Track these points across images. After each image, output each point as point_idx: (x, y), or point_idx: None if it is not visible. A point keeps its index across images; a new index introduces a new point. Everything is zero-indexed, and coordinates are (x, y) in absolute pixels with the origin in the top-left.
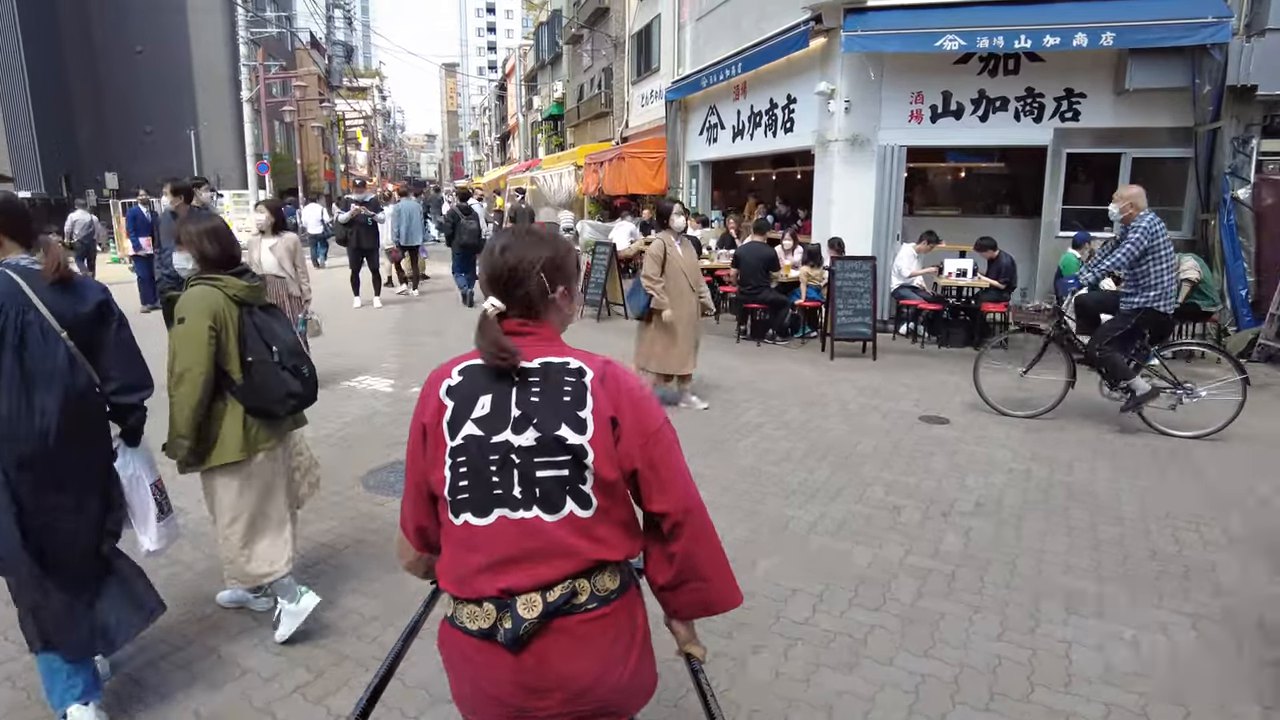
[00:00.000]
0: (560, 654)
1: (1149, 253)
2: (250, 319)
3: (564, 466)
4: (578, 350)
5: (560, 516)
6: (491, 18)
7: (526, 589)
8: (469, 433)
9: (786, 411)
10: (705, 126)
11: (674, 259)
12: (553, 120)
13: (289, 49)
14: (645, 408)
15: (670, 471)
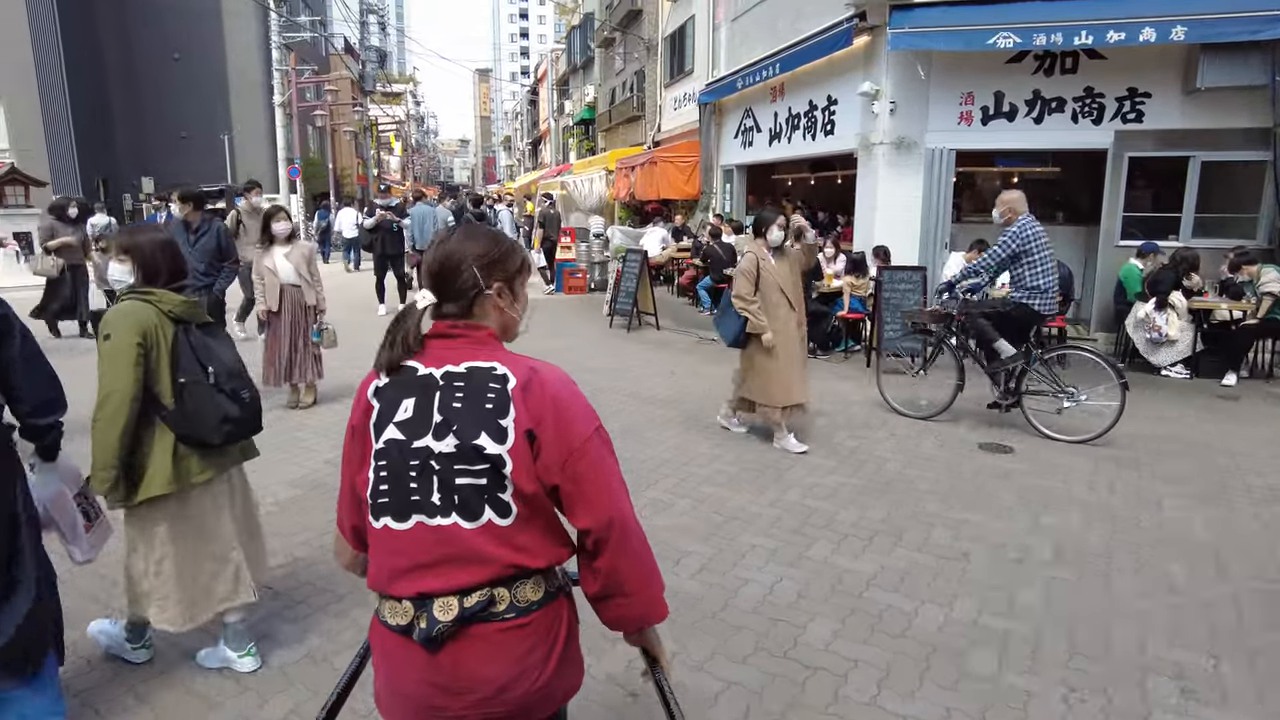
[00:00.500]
0: (475, 658)
1: (1022, 255)
2: (186, 338)
3: (482, 475)
4: (512, 355)
5: (479, 524)
6: (524, 23)
7: (443, 593)
8: (390, 436)
9: (833, 435)
10: (740, 130)
11: (768, 274)
12: (584, 125)
13: (323, 54)
14: (569, 418)
15: (595, 486)
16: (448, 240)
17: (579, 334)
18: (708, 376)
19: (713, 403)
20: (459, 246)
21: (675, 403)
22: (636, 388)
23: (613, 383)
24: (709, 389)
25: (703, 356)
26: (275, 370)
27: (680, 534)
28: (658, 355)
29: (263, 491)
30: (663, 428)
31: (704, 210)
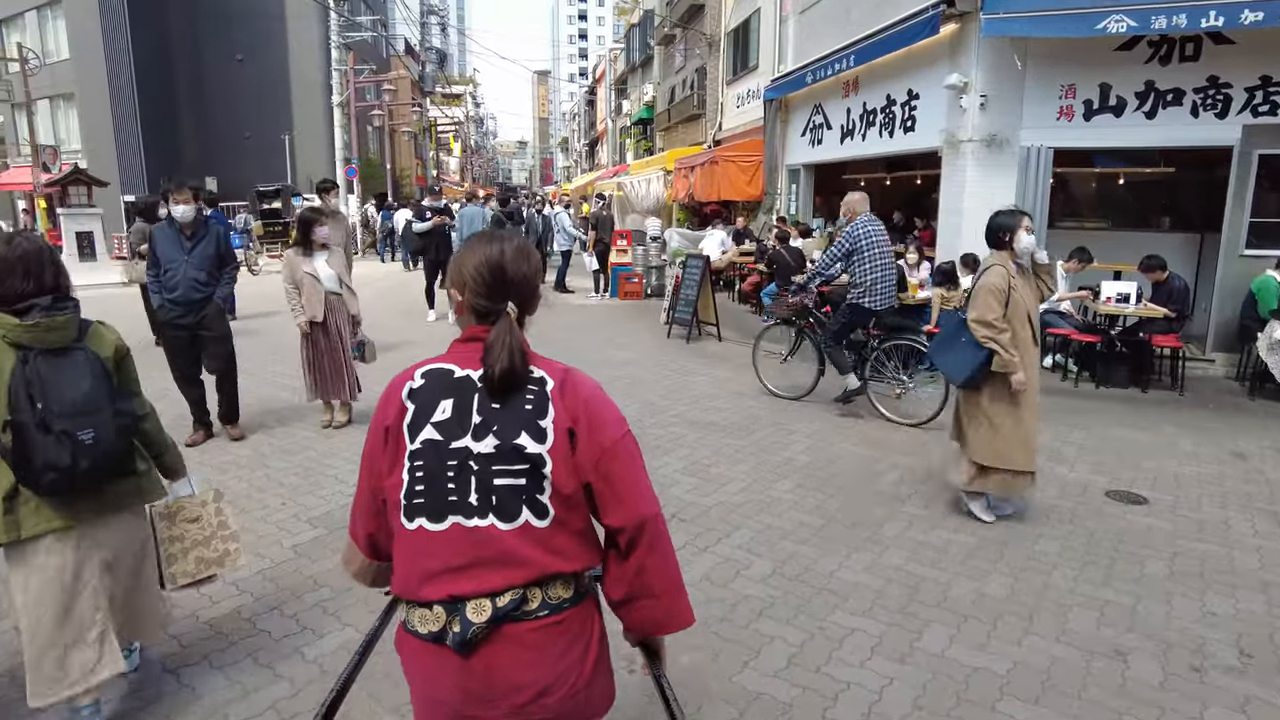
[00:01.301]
0: (509, 662)
1: (854, 254)
2: (24, 368)
3: (521, 475)
4: (544, 359)
5: (515, 525)
6: (583, 24)
7: (475, 595)
8: (427, 437)
9: (929, 478)
10: (809, 127)
11: (1018, 297)
12: (641, 124)
13: (383, 55)
14: (602, 419)
15: (626, 485)
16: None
17: (635, 344)
18: (780, 399)
19: (787, 433)
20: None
21: (745, 430)
22: (699, 411)
23: (671, 403)
24: (782, 413)
25: (772, 373)
26: (319, 381)
27: (760, 609)
28: (721, 371)
29: (279, 530)
30: (733, 462)
31: (767, 212)
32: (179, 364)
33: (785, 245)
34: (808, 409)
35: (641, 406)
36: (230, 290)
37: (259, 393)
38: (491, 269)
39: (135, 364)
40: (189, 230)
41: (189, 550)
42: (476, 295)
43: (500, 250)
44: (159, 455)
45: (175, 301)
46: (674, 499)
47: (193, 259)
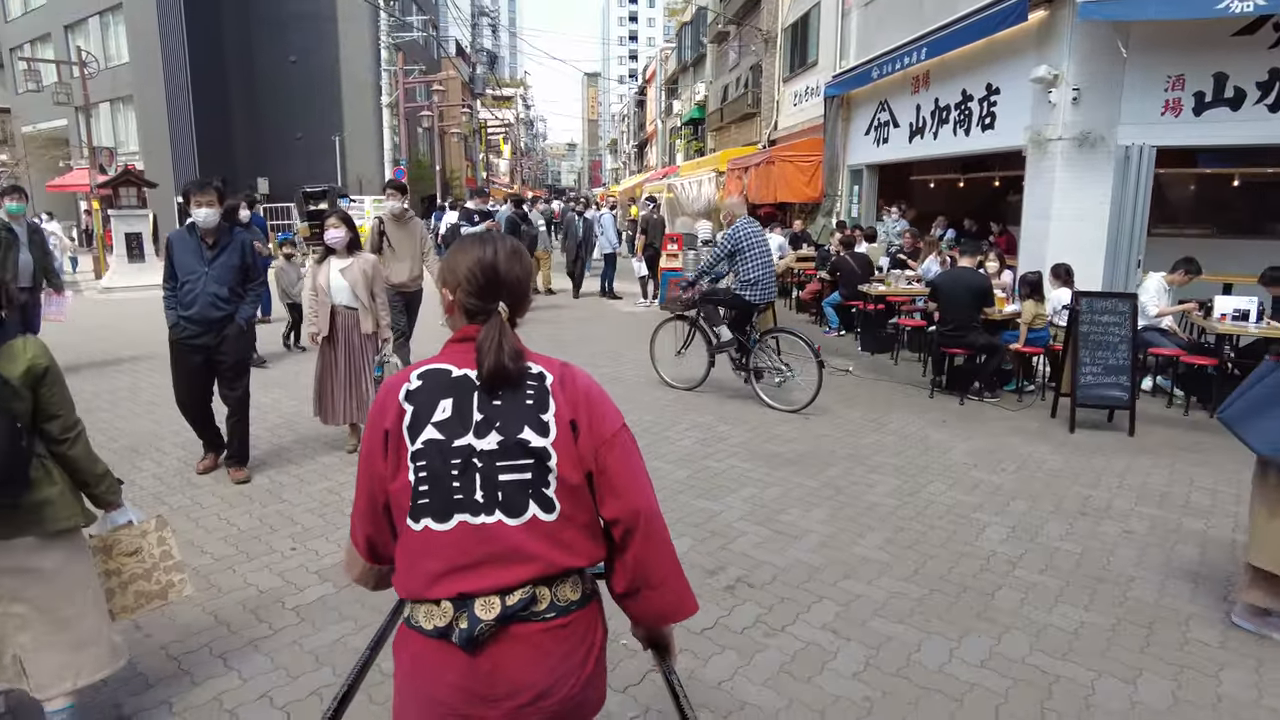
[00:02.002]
0: (515, 662)
1: (736, 253)
2: None
3: (527, 470)
4: (539, 355)
5: (523, 520)
6: (634, 25)
7: (485, 592)
8: (429, 437)
9: (1041, 529)
10: (873, 125)
11: None
12: (692, 124)
13: (434, 56)
14: (601, 411)
15: (624, 477)
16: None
17: (687, 358)
18: (850, 425)
19: (868, 470)
20: (526, 265)
21: (814, 464)
22: (761, 439)
23: (731, 429)
24: (856, 445)
25: (838, 394)
26: (327, 407)
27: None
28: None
29: (283, 584)
30: (806, 506)
31: (826, 215)
32: (187, 390)
33: (850, 251)
34: (886, 438)
35: (698, 433)
36: (254, 310)
37: (284, 408)
38: (484, 270)
39: (63, 382)
40: (211, 238)
41: (127, 585)
42: (469, 295)
43: (493, 252)
44: (87, 486)
45: (192, 319)
46: (740, 556)
47: (214, 271)
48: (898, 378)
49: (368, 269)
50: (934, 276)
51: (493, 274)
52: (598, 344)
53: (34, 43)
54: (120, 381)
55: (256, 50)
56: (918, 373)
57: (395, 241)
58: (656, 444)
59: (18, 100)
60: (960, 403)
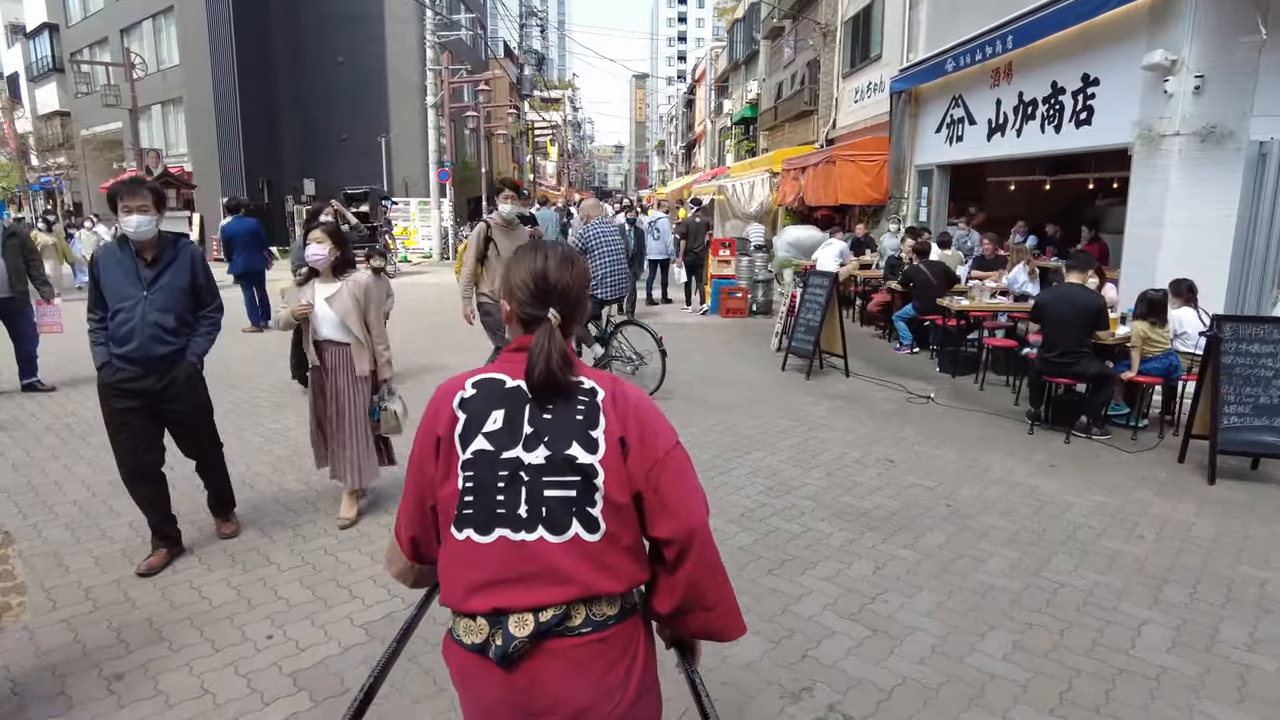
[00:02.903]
0: (553, 677)
1: (587, 252)
2: None
3: (573, 487)
4: (591, 369)
5: (565, 539)
6: (683, 26)
7: (519, 609)
8: (479, 447)
9: (1215, 631)
10: (946, 122)
11: None
12: (744, 124)
13: (481, 57)
14: (654, 429)
15: (678, 495)
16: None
17: (741, 378)
18: (943, 471)
19: (976, 536)
20: (581, 273)
21: (908, 527)
22: (840, 488)
23: (801, 475)
24: (955, 499)
25: (924, 428)
26: (323, 453)
27: None
28: (859, 423)
29: (248, 692)
30: (908, 591)
31: (891, 218)
32: (129, 451)
33: (926, 260)
34: (989, 490)
35: (761, 480)
36: (209, 344)
37: (294, 438)
38: (535, 278)
39: None
40: (150, 253)
41: None
42: (522, 305)
43: (544, 259)
44: None
45: (129, 358)
46: (829, 670)
47: (155, 296)
48: (986, 406)
49: (359, 294)
50: (1039, 296)
51: (544, 282)
52: None
53: (92, 47)
54: None
55: (304, 51)
56: (1008, 400)
57: (504, 251)
58: (714, 493)
59: (77, 104)
60: (1065, 440)
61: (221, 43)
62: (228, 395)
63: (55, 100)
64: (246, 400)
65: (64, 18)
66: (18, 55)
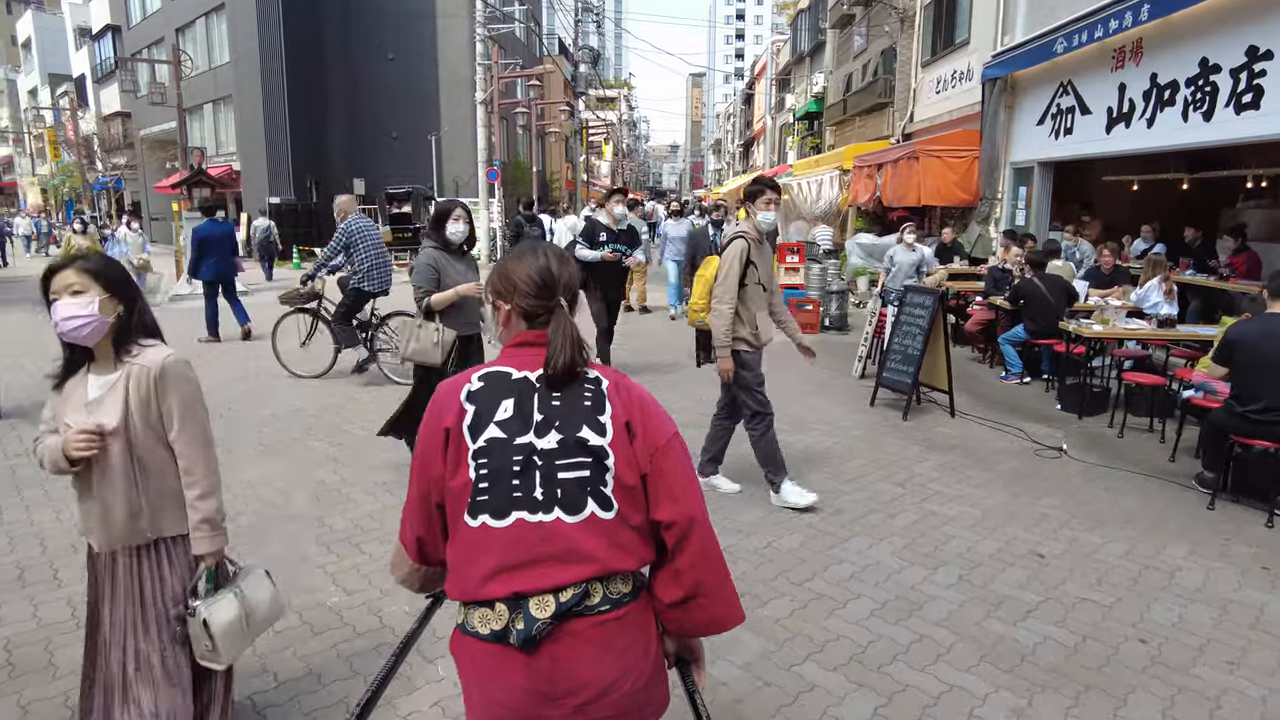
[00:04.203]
0: (573, 657)
1: (351, 247)
2: None
3: (586, 468)
4: (592, 361)
5: (582, 518)
6: (740, 24)
7: (539, 591)
8: (491, 435)
9: None
10: (1051, 112)
11: None
12: (808, 119)
13: (535, 53)
14: (657, 417)
15: (680, 481)
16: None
17: (821, 415)
18: (1114, 571)
19: (1203, 702)
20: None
21: (1098, 677)
22: (972, 602)
23: (918, 574)
24: (1144, 618)
25: (1068, 496)
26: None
27: None
28: (974, 485)
29: None
30: None
31: (983, 222)
32: None
33: (1040, 272)
34: (1192, 609)
35: (870, 587)
36: None
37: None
38: (541, 274)
39: None
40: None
41: None
42: (528, 298)
43: (546, 257)
44: None
45: None
46: None
47: None
48: (1134, 462)
49: (146, 385)
50: (1232, 331)
51: (549, 276)
52: (686, 391)
53: (150, 47)
54: None
55: (354, 47)
56: (1159, 453)
57: (763, 276)
58: (805, 611)
59: (137, 104)
60: (1268, 524)
61: (271, 40)
62: None
63: (117, 101)
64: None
65: (125, 19)
66: (85, 58)
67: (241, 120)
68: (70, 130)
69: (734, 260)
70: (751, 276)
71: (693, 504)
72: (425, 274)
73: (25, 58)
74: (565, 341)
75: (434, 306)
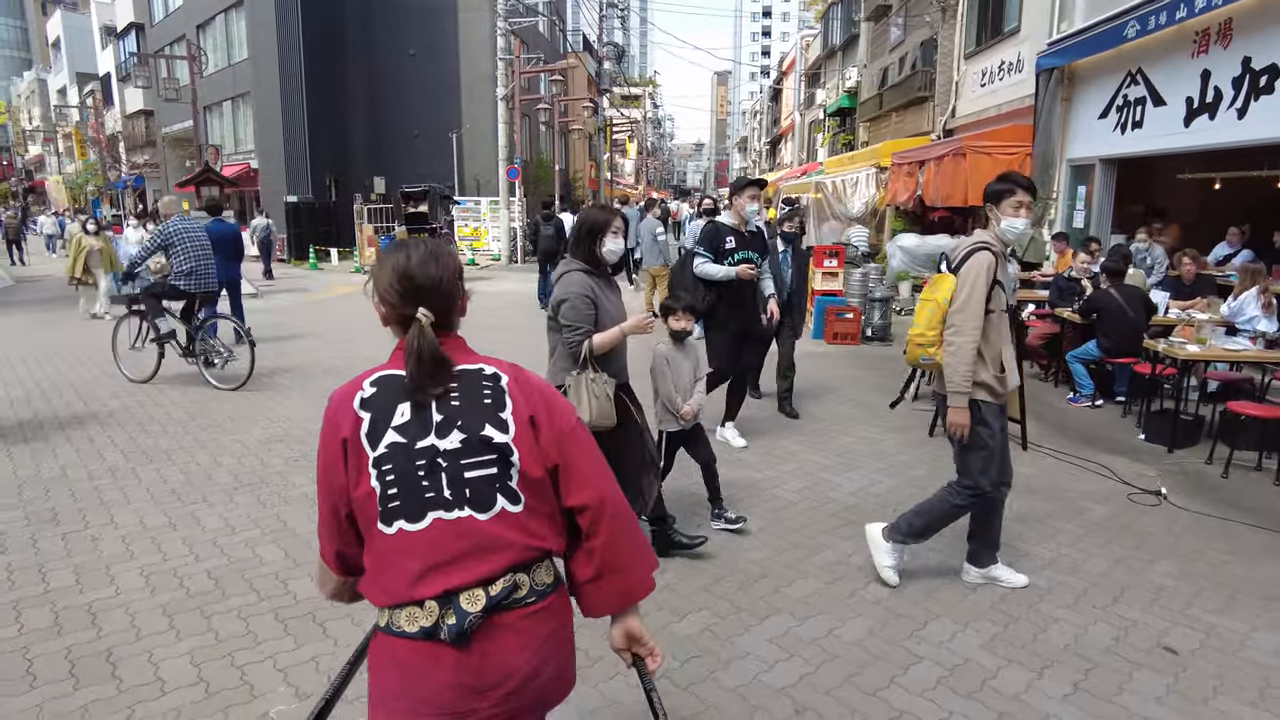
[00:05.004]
0: (503, 649)
1: (168, 248)
2: None
3: (491, 465)
4: (486, 357)
5: (492, 514)
6: (767, 21)
7: (468, 585)
8: (391, 441)
9: None
10: (1115, 104)
11: None
12: (840, 115)
13: (559, 49)
14: (556, 406)
15: (588, 464)
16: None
17: (872, 446)
18: (1274, 682)
19: None
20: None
21: None
22: (1086, 700)
23: (1017, 678)
24: None
25: (1182, 559)
26: None
27: None
28: (1069, 544)
29: None
30: None
31: (1035, 224)
32: None
33: (1118, 283)
34: None
35: (959, 700)
36: None
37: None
38: (400, 277)
39: None
40: None
41: None
42: (392, 306)
43: (407, 257)
44: None
45: None
46: None
47: None
48: (1250, 510)
49: None
50: None
51: (408, 281)
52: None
53: (172, 44)
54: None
55: (376, 44)
56: (1276, 495)
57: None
58: None
59: (159, 102)
60: None
61: (289, 35)
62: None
63: (140, 99)
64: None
65: (149, 16)
66: (110, 56)
67: (260, 117)
68: (94, 128)
69: (978, 279)
70: (997, 301)
71: (604, 484)
72: (582, 308)
73: (55, 57)
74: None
75: (597, 350)
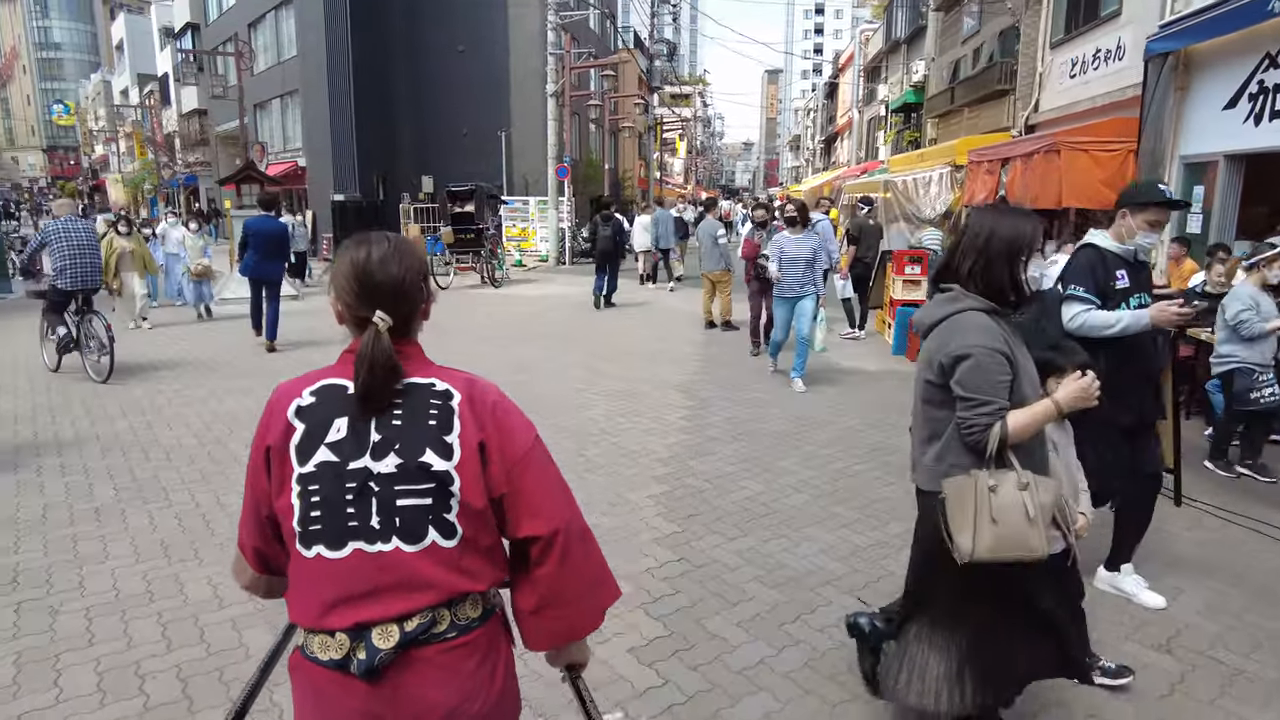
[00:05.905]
0: (418, 683)
1: (46, 245)
2: None
3: (428, 494)
4: (445, 369)
5: (422, 547)
6: (820, 19)
7: (382, 621)
8: (322, 459)
9: None
10: (1246, 93)
11: None
12: (903, 111)
13: (609, 46)
14: (511, 426)
15: (540, 494)
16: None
17: None
18: None
19: None
20: (409, 264)
21: None
22: None
23: None
24: None
25: None
26: None
27: None
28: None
29: None
30: None
31: None
32: None
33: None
34: None
35: None
36: None
37: None
38: (356, 275)
39: None
40: None
41: None
42: (347, 305)
43: (366, 253)
44: None
45: None
46: None
47: None
48: None
49: None
50: None
51: (365, 279)
52: (760, 450)
53: (225, 43)
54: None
55: (424, 40)
56: None
57: None
58: None
59: (213, 102)
60: None
61: (338, 33)
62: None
63: (195, 99)
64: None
65: (204, 16)
66: (168, 57)
67: (307, 115)
68: (153, 127)
69: None
70: None
71: (558, 515)
72: (995, 371)
73: (119, 59)
74: (364, 366)
75: (1015, 437)
